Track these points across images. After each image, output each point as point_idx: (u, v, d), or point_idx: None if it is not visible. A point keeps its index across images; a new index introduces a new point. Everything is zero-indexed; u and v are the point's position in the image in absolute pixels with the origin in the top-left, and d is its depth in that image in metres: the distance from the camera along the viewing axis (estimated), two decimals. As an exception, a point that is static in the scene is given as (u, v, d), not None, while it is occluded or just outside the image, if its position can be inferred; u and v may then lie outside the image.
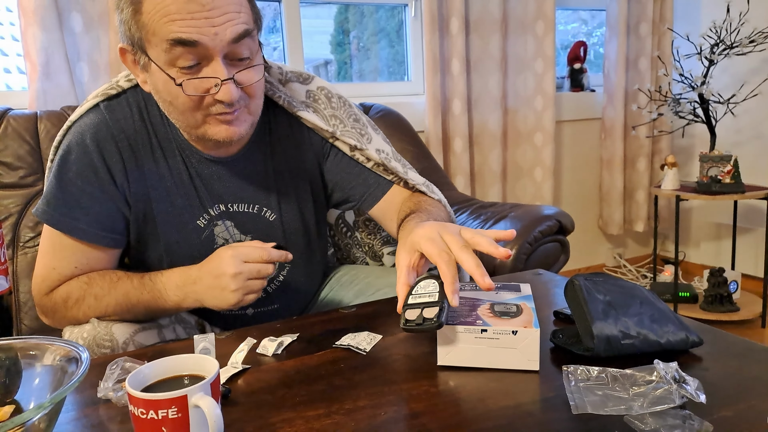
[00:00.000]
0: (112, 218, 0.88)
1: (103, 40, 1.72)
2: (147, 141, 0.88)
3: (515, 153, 2.54)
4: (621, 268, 2.96)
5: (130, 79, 0.89)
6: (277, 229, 0.97)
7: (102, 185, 0.86)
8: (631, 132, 2.73)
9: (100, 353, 0.82)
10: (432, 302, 0.66)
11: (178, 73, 0.76)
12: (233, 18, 0.75)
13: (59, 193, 0.86)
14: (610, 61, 2.64)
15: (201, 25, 0.73)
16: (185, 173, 0.90)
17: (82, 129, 0.86)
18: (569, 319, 0.81)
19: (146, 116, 0.88)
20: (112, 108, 0.87)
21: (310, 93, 0.98)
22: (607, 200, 2.79)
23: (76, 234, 0.86)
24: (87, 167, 0.85)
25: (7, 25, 3.20)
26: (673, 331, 0.69)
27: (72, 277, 0.87)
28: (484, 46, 2.36)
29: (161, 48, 0.75)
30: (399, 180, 0.99)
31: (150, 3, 0.74)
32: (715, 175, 2.26)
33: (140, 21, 0.75)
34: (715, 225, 2.80)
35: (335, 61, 2.92)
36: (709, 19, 2.64)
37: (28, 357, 0.57)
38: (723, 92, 2.55)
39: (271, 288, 1.00)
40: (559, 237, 1.55)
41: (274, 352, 0.75)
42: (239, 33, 0.76)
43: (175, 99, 0.78)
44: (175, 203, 0.90)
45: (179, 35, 0.73)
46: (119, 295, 0.84)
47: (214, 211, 0.92)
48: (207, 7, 0.73)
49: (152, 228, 0.91)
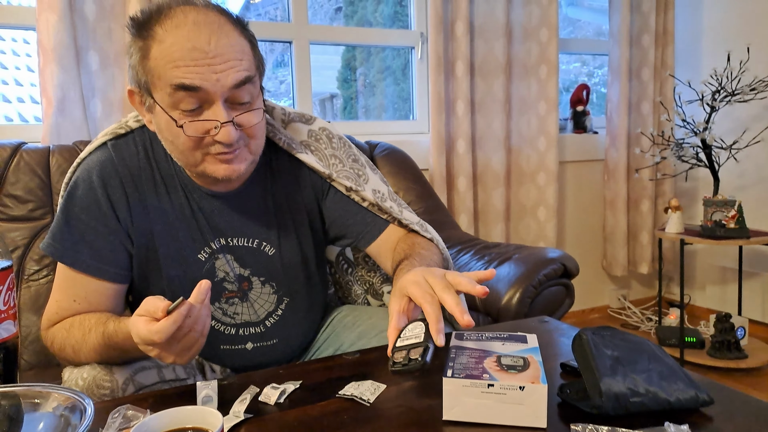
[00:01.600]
0: (115, 253, 0.90)
1: (118, 78, 1.76)
2: (151, 177, 0.91)
3: (518, 192, 2.55)
4: (625, 309, 2.93)
5: (138, 119, 0.93)
6: (277, 263, 0.98)
7: (106, 220, 0.89)
8: (635, 174, 2.74)
9: (100, 394, 0.81)
10: (418, 343, 0.67)
11: (180, 115, 0.79)
12: (235, 65, 0.79)
13: (65, 227, 0.89)
14: (612, 104, 2.68)
15: (203, 71, 0.77)
16: (187, 208, 0.92)
17: (89, 166, 0.90)
18: (576, 372, 0.80)
19: (151, 154, 0.92)
20: (118, 146, 0.91)
21: (312, 132, 1.01)
22: (611, 241, 2.78)
23: (79, 267, 0.88)
24: (92, 203, 0.88)
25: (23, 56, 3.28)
26: (682, 389, 0.68)
27: (69, 313, 0.89)
28: (488, 88, 2.40)
29: (165, 91, 0.78)
30: (394, 219, 1.01)
31: (157, 49, 0.78)
32: (720, 220, 2.26)
33: (147, 66, 0.79)
34: (721, 269, 2.78)
35: (341, 96, 2.97)
36: (709, 65, 2.69)
37: (31, 405, 0.57)
38: (725, 137, 2.58)
39: (270, 322, 1.00)
40: (563, 280, 1.55)
41: (276, 400, 0.74)
42: (240, 80, 0.79)
43: (176, 139, 0.81)
44: (177, 237, 0.92)
45: (182, 81, 0.77)
46: (89, 349, 0.83)
47: (215, 245, 0.94)
48: (210, 54, 0.77)
49: (155, 263, 0.92)
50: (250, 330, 0.99)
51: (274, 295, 0.99)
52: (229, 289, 0.96)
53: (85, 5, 1.71)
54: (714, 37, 2.74)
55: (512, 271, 1.49)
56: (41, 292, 1.40)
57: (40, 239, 1.44)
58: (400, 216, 1.00)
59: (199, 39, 0.77)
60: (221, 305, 0.97)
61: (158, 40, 0.78)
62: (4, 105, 2.90)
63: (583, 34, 3.30)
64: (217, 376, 0.99)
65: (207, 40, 0.77)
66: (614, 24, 2.63)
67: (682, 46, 2.85)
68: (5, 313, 0.66)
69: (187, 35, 0.77)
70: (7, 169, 1.45)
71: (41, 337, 0.92)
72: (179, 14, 0.78)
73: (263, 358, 1.00)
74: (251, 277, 0.97)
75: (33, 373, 1.28)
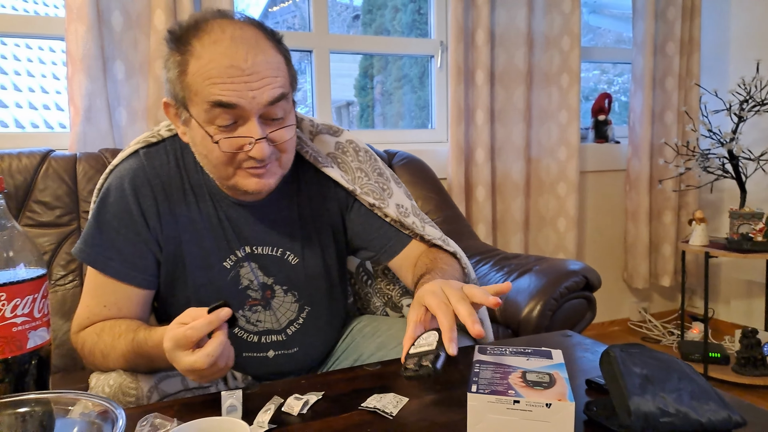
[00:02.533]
0: (144, 259, 0.91)
1: (143, 86, 1.79)
2: (180, 186, 0.92)
3: (538, 202, 2.53)
4: (646, 323, 2.89)
5: (170, 128, 0.95)
6: (299, 272, 0.99)
7: (136, 228, 0.90)
8: (657, 185, 2.71)
9: (126, 401, 0.82)
10: (430, 351, 0.68)
11: (215, 130, 0.80)
12: (271, 82, 0.80)
13: (96, 233, 0.91)
14: (635, 114, 2.65)
15: (240, 89, 0.78)
16: (215, 216, 0.93)
17: (121, 173, 0.92)
18: (603, 389, 0.79)
19: (182, 163, 0.93)
20: (150, 155, 0.92)
21: (339, 145, 1.02)
22: (633, 253, 2.75)
23: (109, 272, 0.90)
24: (123, 210, 0.90)
25: (49, 64, 3.35)
26: (714, 410, 0.67)
27: (99, 318, 0.90)
28: (508, 97, 2.39)
29: (202, 107, 0.80)
30: (416, 235, 1.01)
31: (194, 65, 0.79)
32: (747, 233, 2.22)
33: (184, 81, 0.80)
34: (746, 282, 2.73)
35: (358, 104, 2.98)
36: (737, 74, 2.65)
37: (63, 411, 0.58)
38: (753, 148, 2.53)
39: (291, 331, 1.01)
40: (585, 293, 1.53)
41: (299, 411, 0.74)
42: (275, 97, 0.81)
43: (210, 153, 0.83)
44: (204, 245, 0.93)
45: (219, 98, 0.78)
46: (118, 355, 0.84)
47: (241, 253, 0.95)
48: (247, 72, 0.78)
49: (181, 270, 0.94)
50: (272, 338, 1.00)
51: (296, 303, 1.00)
52: (252, 296, 0.97)
53: (112, 16, 1.74)
54: (742, 46, 2.70)
55: (533, 284, 1.48)
56: (68, 297, 1.42)
57: (68, 245, 1.46)
58: (422, 232, 1.00)
59: (237, 56, 0.78)
60: (245, 313, 0.98)
61: (196, 56, 0.79)
62: (31, 112, 2.97)
63: (603, 41, 3.28)
64: (239, 383, 1.00)
65: (244, 58, 0.78)
66: (638, 32, 2.61)
67: (709, 54, 2.81)
68: (40, 321, 0.67)
69: (224, 52, 0.78)
70: (37, 176, 1.48)
71: (71, 341, 0.94)
72: (216, 29, 0.79)
73: (284, 366, 1.01)
74: (274, 285, 0.98)
75: (59, 376, 1.30)
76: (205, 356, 0.70)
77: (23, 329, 0.65)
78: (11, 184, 1.45)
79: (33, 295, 0.66)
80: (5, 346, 0.64)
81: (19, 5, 3.03)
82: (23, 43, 3.01)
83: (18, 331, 0.65)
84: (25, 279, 0.66)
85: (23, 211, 1.46)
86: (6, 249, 0.66)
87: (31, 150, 1.52)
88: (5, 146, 1.66)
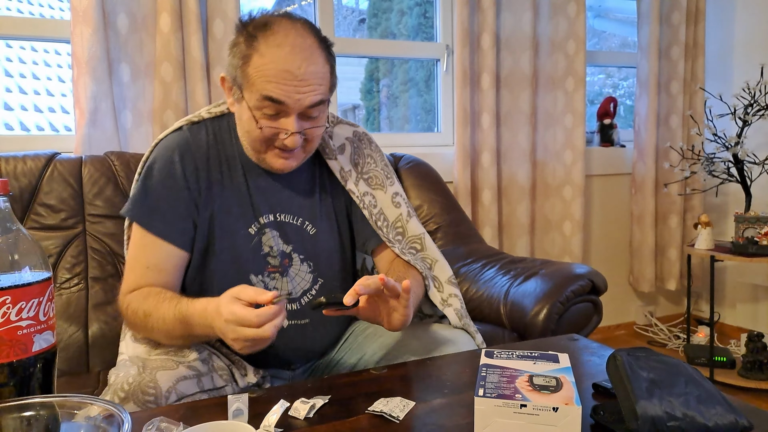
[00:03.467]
0: (184, 221, 1.01)
1: (148, 89, 1.79)
2: (217, 157, 1.05)
3: (544, 206, 2.52)
4: (652, 326, 2.87)
5: (210, 112, 1.08)
6: (316, 243, 1.08)
7: (179, 191, 1.01)
8: (663, 189, 2.70)
9: (144, 399, 0.84)
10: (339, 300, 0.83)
11: (260, 116, 0.95)
12: (315, 89, 0.94)
13: (143, 196, 1.02)
14: (640, 118, 2.64)
15: (289, 91, 0.92)
16: (244, 185, 1.05)
17: (167, 144, 1.04)
18: (610, 393, 0.79)
19: (219, 138, 1.06)
20: (193, 130, 1.06)
21: (357, 133, 1.17)
22: (638, 256, 2.73)
23: (153, 230, 1.00)
24: (168, 175, 1.01)
25: (54, 66, 3.37)
26: (721, 414, 0.67)
27: (144, 280, 0.99)
28: (514, 100, 2.38)
29: (255, 96, 0.93)
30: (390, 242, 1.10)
31: (257, 61, 0.92)
32: (752, 237, 2.21)
33: (245, 71, 0.93)
34: (752, 286, 2.71)
35: (364, 108, 2.99)
36: (741, 78, 2.64)
37: (68, 415, 0.58)
38: (757, 152, 2.52)
39: (305, 301, 1.07)
40: (591, 297, 1.52)
41: (306, 415, 0.74)
42: (315, 102, 0.95)
43: (252, 132, 0.97)
44: (232, 211, 1.03)
45: (271, 94, 0.92)
46: (159, 316, 0.92)
47: (264, 220, 1.05)
48: (298, 77, 0.92)
49: (211, 234, 1.03)
50: (288, 306, 1.05)
51: (310, 274, 1.07)
52: (271, 263, 1.05)
53: (118, 18, 1.75)
54: (746, 50, 2.69)
55: (539, 287, 1.48)
56: (73, 300, 1.43)
57: (72, 248, 1.47)
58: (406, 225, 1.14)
59: (293, 63, 0.91)
60: (263, 278, 1.04)
61: (260, 53, 0.92)
62: (36, 114, 2.98)
63: (608, 45, 3.27)
64: (251, 380, 1.01)
65: (298, 66, 0.92)
66: (643, 36, 2.60)
67: (713, 58, 2.80)
68: (45, 324, 0.67)
69: (284, 57, 0.91)
70: (42, 179, 1.49)
71: (117, 303, 1.02)
72: (281, 33, 0.92)
73: (295, 338, 1.05)
74: (292, 253, 1.06)
75: (65, 380, 1.30)
76: (273, 327, 0.80)
77: (28, 332, 0.65)
78: (16, 187, 1.45)
79: (38, 299, 0.66)
80: (10, 350, 0.64)
81: (24, 8, 3.05)
82: (29, 45, 3.03)
83: (23, 335, 0.65)
84: (30, 282, 0.66)
85: (28, 214, 1.46)
86: (11, 252, 0.66)
87: (36, 153, 1.53)
88: (10, 149, 1.66)
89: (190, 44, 1.77)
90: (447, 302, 1.10)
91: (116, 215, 1.52)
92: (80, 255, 1.47)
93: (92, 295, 1.45)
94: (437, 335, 1.04)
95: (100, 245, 1.49)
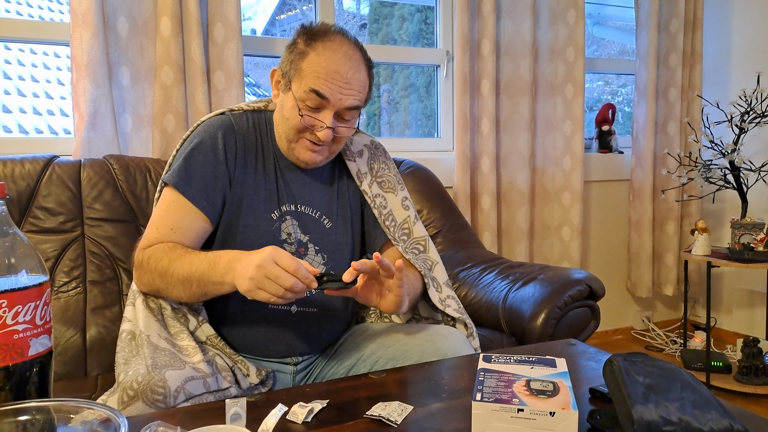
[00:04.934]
0: (216, 193, 1.08)
1: (148, 93, 1.79)
2: (254, 144, 1.14)
3: (543, 211, 2.53)
4: (649, 331, 2.88)
5: (249, 105, 1.18)
6: (331, 236, 1.15)
7: (217, 165, 1.08)
8: (660, 195, 2.71)
9: (153, 398, 0.85)
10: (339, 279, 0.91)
11: (303, 106, 1.05)
12: (355, 94, 1.05)
13: (183, 165, 1.08)
14: (638, 125, 2.65)
15: (334, 89, 1.03)
16: (273, 173, 1.13)
17: (211, 123, 1.12)
18: (606, 398, 0.79)
19: (257, 127, 1.15)
20: (235, 116, 1.15)
21: (373, 142, 1.27)
22: (636, 262, 2.74)
23: (187, 195, 1.06)
24: (210, 149, 1.09)
25: (54, 69, 3.36)
26: (716, 419, 0.67)
27: (166, 239, 1.04)
28: (513, 107, 2.39)
29: (303, 88, 1.04)
30: (396, 242, 1.18)
31: (312, 58, 1.03)
32: (748, 243, 2.22)
33: (299, 65, 1.04)
34: (748, 292, 2.72)
35: (364, 112, 2.99)
36: (738, 86, 2.65)
37: (64, 419, 0.58)
38: (754, 159, 2.53)
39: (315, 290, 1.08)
40: (589, 302, 1.52)
41: (304, 419, 0.74)
42: (353, 105, 1.06)
43: (292, 119, 1.06)
44: (259, 193, 1.11)
45: (318, 89, 1.02)
46: (185, 262, 0.98)
47: (286, 207, 1.12)
48: (345, 79, 1.03)
49: (237, 212, 1.09)
50: None
51: (323, 266, 1.13)
52: (287, 250, 1.08)
53: (118, 22, 1.75)
54: (743, 58, 2.71)
55: (537, 292, 1.48)
56: (70, 304, 1.42)
57: (71, 251, 1.47)
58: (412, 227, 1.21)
59: (343, 67, 1.03)
60: None
61: (316, 53, 1.03)
62: (35, 117, 2.98)
63: (606, 52, 3.29)
64: (253, 380, 1.02)
65: (347, 70, 1.03)
66: (641, 44, 2.62)
67: (711, 66, 2.82)
68: (41, 328, 0.67)
69: (337, 60, 1.03)
70: (40, 182, 1.49)
71: (133, 256, 1.07)
72: (337, 42, 1.04)
73: (301, 325, 1.11)
74: (309, 243, 1.13)
75: (61, 384, 1.29)
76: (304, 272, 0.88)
77: (25, 336, 0.65)
78: (14, 189, 1.45)
79: (35, 302, 0.66)
80: (6, 354, 0.64)
81: (24, 10, 3.05)
82: (28, 48, 3.02)
83: (19, 338, 0.65)
84: (26, 286, 0.65)
85: (26, 218, 1.46)
86: (8, 255, 0.66)
87: (34, 156, 1.53)
88: (9, 152, 1.66)
89: (191, 48, 1.77)
90: (445, 302, 1.16)
91: (115, 219, 1.52)
92: (78, 259, 1.47)
93: (90, 299, 1.44)
94: (435, 336, 1.05)
95: (98, 249, 1.49)
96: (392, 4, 2.81)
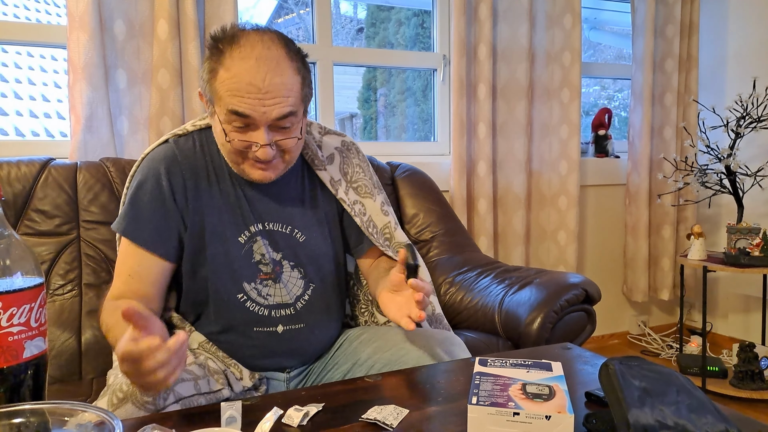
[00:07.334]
0: (169, 232, 1.03)
1: (145, 96, 1.79)
2: (205, 167, 1.06)
3: (539, 216, 2.53)
4: (645, 336, 2.88)
5: (195, 124, 1.10)
6: (306, 249, 1.09)
7: (165, 203, 1.03)
8: (656, 200, 2.71)
9: (143, 401, 0.84)
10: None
11: (231, 129, 0.95)
12: (281, 102, 0.93)
13: (130, 209, 1.04)
14: (634, 129, 2.66)
15: (254, 104, 0.92)
16: (233, 195, 1.06)
17: (153, 157, 1.06)
18: (602, 402, 0.79)
19: (206, 149, 1.07)
20: (179, 143, 1.07)
21: (345, 143, 1.19)
22: (632, 266, 2.75)
23: (137, 241, 1.02)
24: (155, 188, 1.03)
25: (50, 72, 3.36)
26: (712, 423, 0.67)
27: (126, 287, 1.01)
28: (510, 111, 2.40)
29: (223, 110, 0.94)
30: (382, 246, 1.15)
31: (222, 75, 0.93)
32: (744, 247, 2.22)
33: (213, 86, 0.95)
34: (744, 297, 2.73)
35: (361, 116, 3.00)
36: (734, 91, 2.67)
37: (59, 422, 0.57)
38: (750, 164, 2.55)
39: (299, 306, 1.08)
40: (585, 306, 1.53)
41: (299, 423, 0.73)
42: (283, 114, 0.94)
43: (225, 144, 0.98)
44: (223, 220, 1.05)
45: (236, 108, 0.92)
46: (111, 336, 0.93)
47: (254, 228, 1.06)
48: (262, 90, 0.91)
49: (202, 243, 1.04)
50: (281, 312, 1.06)
51: (301, 280, 1.09)
52: (264, 271, 1.06)
53: (115, 24, 1.75)
54: (739, 63, 2.72)
55: (533, 296, 1.48)
56: (66, 307, 1.42)
57: (66, 254, 1.46)
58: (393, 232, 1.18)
59: (257, 76, 0.91)
60: (256, 286, 1.05)
61: (225, 67, 0.92)
62: (32, 120, 2.97)
63: (603, 57, 3.30)
64: (246, 383, 1.01)
65: (263, 78, 0.91)
66: (638, 48, 2.63)
67: (706, 71, 2.83)
68: (36, 330, 0.67)
69: (248, 70, 0.91)
70: (36, 185, 1.48)
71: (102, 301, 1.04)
72: (247, 48, 0.92)
73: (291, 343, 1.07)
74: (282, 260, 1.08)
75: (56, 387, 1.29)
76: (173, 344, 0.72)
77: (19, 338, 0.65)
78: (10, 192, 1.44)
79: (30, 305, 0.66)
80: (1, 356, 0.63)
81: (20, 13, 3.05)
82: (24, 50, 3.02)
83: (14, 341, 0.64)
84: (21, 288, 0.65)
85: (22, 220, 1.46)
86: (3, 258, 0.65)
87: (30, 158, 1.52)
88: (5, 154, 1.66)
89: (188, 51, 1.77)
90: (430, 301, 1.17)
91: (111, 222, 1.51)
92: (74, 261, 1.46)
93: (86, 302, 1.44)
94: (432, 341, 1.05)
95: (94, 252, 1.49)
96: (389, 8, 2.82)
